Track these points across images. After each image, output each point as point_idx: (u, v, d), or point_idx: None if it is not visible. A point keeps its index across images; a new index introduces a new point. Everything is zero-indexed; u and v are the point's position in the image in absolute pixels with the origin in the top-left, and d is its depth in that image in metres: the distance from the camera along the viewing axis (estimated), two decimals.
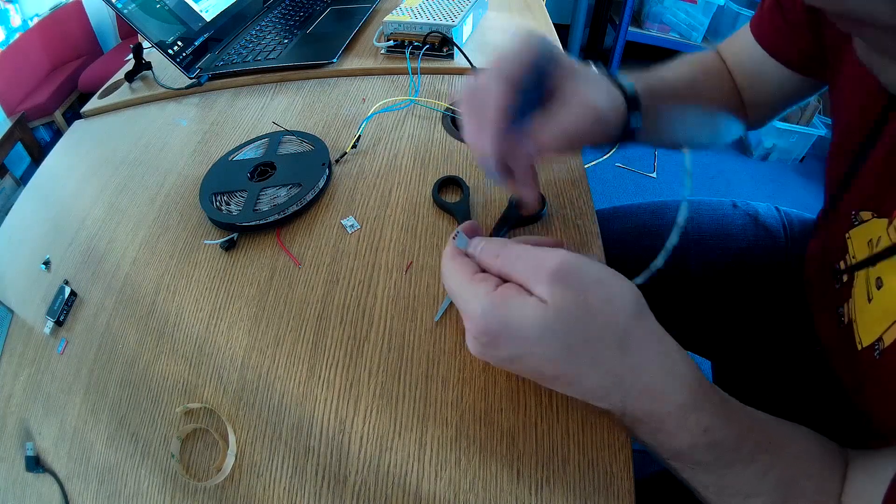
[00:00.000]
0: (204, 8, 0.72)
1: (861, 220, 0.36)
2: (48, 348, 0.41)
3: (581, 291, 0.25)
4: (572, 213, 0.43)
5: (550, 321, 0.24)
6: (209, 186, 0.48)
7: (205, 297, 0.41)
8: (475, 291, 0.26)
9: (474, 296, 0.26)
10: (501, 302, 0.25)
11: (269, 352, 0.37)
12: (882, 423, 0.34)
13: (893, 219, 0.32)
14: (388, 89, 0.61)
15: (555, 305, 0.24)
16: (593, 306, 0.25)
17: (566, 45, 2.23)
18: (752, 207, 0.60)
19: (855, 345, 0.35)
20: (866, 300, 0.34)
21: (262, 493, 0.31)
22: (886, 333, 0.31)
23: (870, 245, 0.35)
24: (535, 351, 0.25)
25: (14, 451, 0.36)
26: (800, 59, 0.45)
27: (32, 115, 2.03)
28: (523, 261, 0.26)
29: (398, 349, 0.36)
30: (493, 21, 0.76)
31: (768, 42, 0.46)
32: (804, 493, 0.28)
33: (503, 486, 0.30)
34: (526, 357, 0.26)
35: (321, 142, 0.50)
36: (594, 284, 0.25)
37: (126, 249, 0.46)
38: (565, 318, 0.24)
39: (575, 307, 0.24)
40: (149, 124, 0.62)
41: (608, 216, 0.64)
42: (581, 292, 0.25)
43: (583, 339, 0.25)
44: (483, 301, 0.26)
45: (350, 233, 0.43)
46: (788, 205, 0.60)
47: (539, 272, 0.25)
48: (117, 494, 0.32)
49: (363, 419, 0.33)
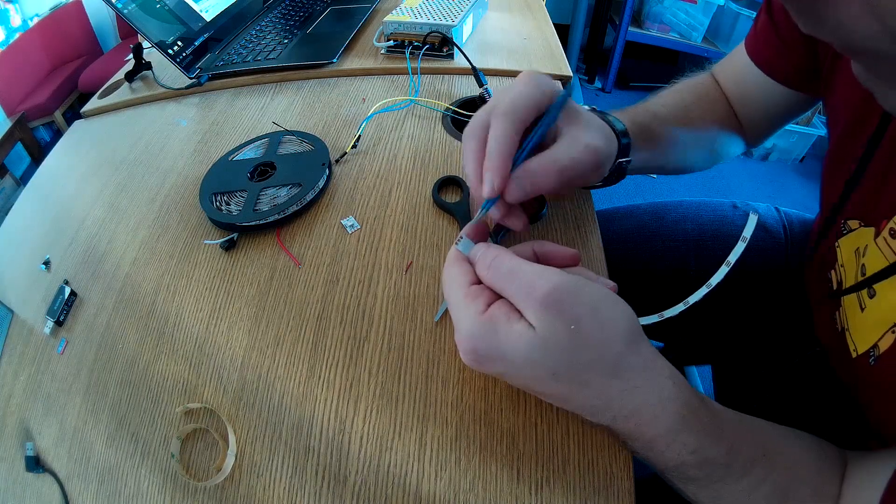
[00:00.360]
0: (204, 8, 0.72)
1: (849, 229, 0.37)
2: (48, 348, 0.41)
3: (573, 320, 0.24)
4: (572, 213, 0.43)
5: (537, 349, 0.24)
6: (209, 186, 0.48)
7: (205, 297, 0.41)
8: (466, 309, 0.26)
9: (465, 314, 0.26)
10: (490, 326, 0.25)
11: (269, 352, 0.37)
12: (880, 426, 0.34)
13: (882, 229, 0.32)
14: (388, 89, 0.61)
15: (542, 334, 0.24)
16: (585, 335, 0.25)
17: (566, 45, 2.23)
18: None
19: (849, 352, 0.35)
20: (858, 309, 0.34)
21: (262, 493, 0.31)
22: (881, 341, 0.32)
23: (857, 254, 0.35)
24: (522, 373, 0.26)
25: (14, 451, 0.36)
26: (796, 75, 0.45)
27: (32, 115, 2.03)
28: (514, 282, 0.26)
29: (398, 349, 0.36)
30: (493, 21, 0.76)
31: (764, 60, 0.47)
32: (799, 499, 0.28)
33: (503, 486, 0.30)
34: (514, 376, 0.27)
35: (321, 142, 0.51)
36: (588, 312, 0.25)
37: (126, 249, 0.46)
38: (553, 347, 0.24)
39: (565, 336, 0.24)
40: (149, 124, 0.62)
41: (608, 216, 0.64)
42: (573, 320, 0.24)
43: (572, 364, 0.25)
44: (472, 322, 0.26)
45: (350, 233, 0.43)
46: (788, 205, 0.60)
47: (529, 297, 0.25)
48: (117, 494, 0.32)
49: (363, 419, 0.33)
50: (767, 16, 0.45)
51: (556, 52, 0.67)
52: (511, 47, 0.68)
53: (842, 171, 0.38)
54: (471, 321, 0.26)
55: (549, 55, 0.67)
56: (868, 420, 0.36)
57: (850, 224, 0.37)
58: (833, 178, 0.40)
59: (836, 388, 0.41)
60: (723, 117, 0.51)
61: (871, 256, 0.33)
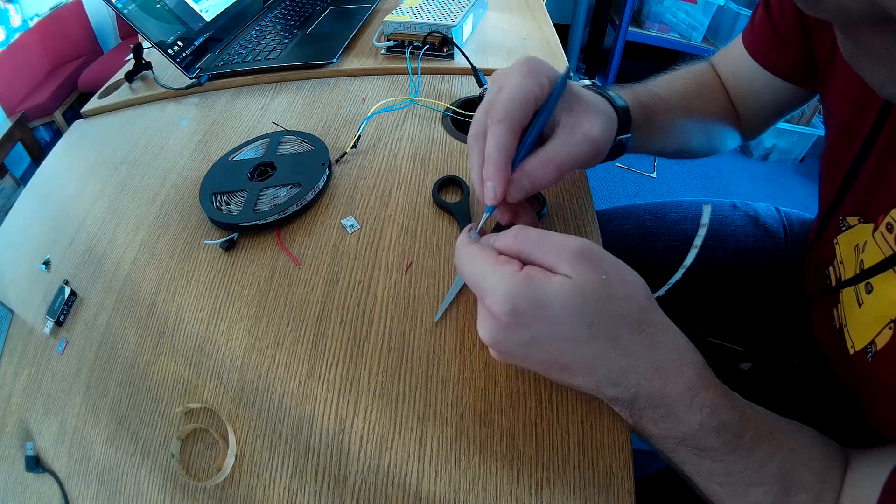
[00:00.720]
0: (204, 8, 0.72)
1: (848, 225, 0.37)
2: (48, 348, 0.41)
3: (603, 271, 0.26)
4: (572, 213, 0.43)
5: (578, 297, 0.25)
6: (209, 186, 0.48)
7: (205, 297, 0.41)
8: (500, 272, 0.27)
9: (499, 277, 0.26)
10: (528, 280, 0.26)
11: (269, 352, 0.37)
12: (878, 424, 0.34)
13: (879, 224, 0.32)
14: (388, 89, 0.61)
15: (580, 282, 0.25)
16: (614, 286, 0.26)
17: (566, 45, 2.23)
18: (752, 208, 0.60)
19: (847, 348, 0.35)
20: (856, 305, 0.34)
21: (262, 493, 0.31)
22: (878, 337, 0.32)
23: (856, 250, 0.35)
24: (558, 331, 0.26)
25: (14, 451, 0.36)
26: (793, 69, 0.45)
27: (32, 115, 2.03)
28: (545, 244, 0.27)
29: (398, 349, 0.36)
30: (493, 21, 0.76)
31: (760, 54, 0.47)
32: (804, 484, 0.28)
33: (503, 486, 0.30)
34: (546, 340, 0.27)
35: (321, 142, 0.51)
36: (613, 267, 0.27)
37: (126, 249, 0.46)
38: (591, 293, 0.25)
39: (599, 284, 0.26)
40: (149, 124, 0.62)
41: (608, 216, 0.64)
42: (603, 272, 0.26)
43: (606, 314, 0.26)
44: (510, 280, 0.26)
45: (350, 233, 0.43)
46: (788, 205, 0.60)
47: (563, 252, 0.26)
48: (117, 494, 0.32)
49: (363, 419, 0.33)
50: (764, 11, 0.45)
51: (556, 52, 0.67)
52: (511, 47, 0.68)
53: (839, 168, 0.38)
54: (508, 279, 0.26)
55: (550, 55, 0.67)
56: (866, 420, 0.36)
57: (848, 220, 0.37)
58: (831, 175, 0.40)
59: (835, 389, 0.41)
60: (722, 108, 0.51)
61: (869, 252, 0.33)
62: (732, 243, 0.57)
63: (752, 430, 0.28)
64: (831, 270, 0.39)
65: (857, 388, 0.36)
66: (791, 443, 0.29)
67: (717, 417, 0.27)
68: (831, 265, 0.39)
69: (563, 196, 0.45)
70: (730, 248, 0.56)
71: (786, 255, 0.55)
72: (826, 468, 0.29)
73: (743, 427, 0.27)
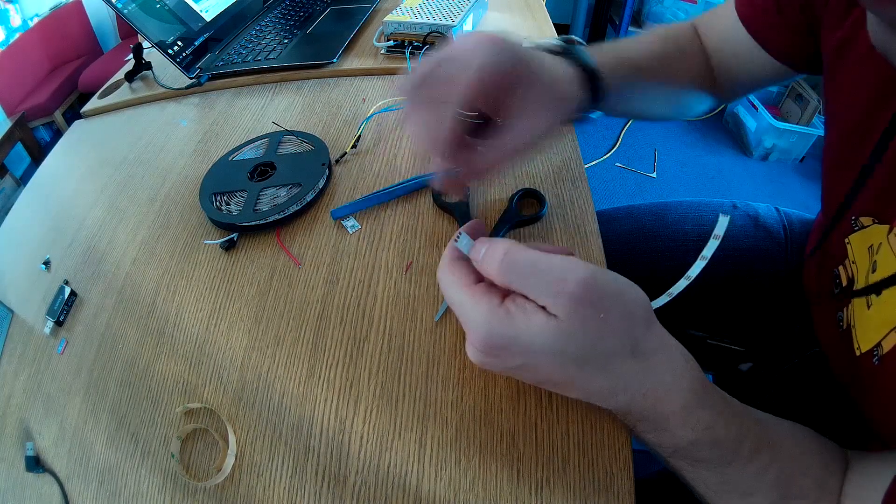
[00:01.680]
0: (204, 8, 0.72)
1: (861, 226, 0.36)
2: (48, 348, 0.41)
3: (602, 309, 0.24)
4: (572, 213, 0.43)
5: (562, 339, 0.24)
6: (209, 186, 0.48)
7: (205, 297, 0.41)
8: (477, 304, 0.25)
9: (476, 309, 0.25)
10: (508, 318, 0.24)
11: (269, 352, 0.37)
12: (881, 427, 0.34)
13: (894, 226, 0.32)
14: (388, 89, 0.61)
15: (570, 327, 0.23)
16: (612, 322, 0.24)
17: None
18: (752, 208, 0.60)
19: (853, 350, 0.35)
20: (865, 306, 0.34)
21: (262, 493, 0.31)
22: (885, 340, 0.31)
23: (870, 251, 0.35)
24: (541, 363, 0.25)
25: (14, 451, 0.36)
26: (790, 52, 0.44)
27: (32, 115, 2.03)
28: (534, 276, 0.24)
29: (398, 349, 0.36)
30: (493, 21, 0.76)
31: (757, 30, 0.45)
32: (802, 490, 0.28)
33: (503, 486, 0.30)
34: (531, 367, 0.26)
35: (321, 142, 0.50)
36: (615, 301, 0.25)
37: (126, 249, 0.46)
38: (581, 335, 0.24)
39: (594, 326, 0.24)
40: (149, 124, 0.62)
41: (608, 216, 0.64)
42: (602, 310, 0.24)
43: (595, 353, 0.25)
44: (486, 316, 0.24)
45: (350, 233, 0.43)
46: (788, 205, 0.60)
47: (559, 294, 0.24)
48: (117, 494, 0.32)
49: (363, 419, 0.33)
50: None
51: None
52: None
53: (850, 167, 0.37)
54: (485, 314, 0.24)
55: None
56: (868, 421, 0.35)
57: (861, 221, 0.36)
58: (839, 174, 0.39)
59: (836, 389, 0.41)
60: (699, 72, 0.50)
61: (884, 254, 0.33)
62: (732, 244, 0.57)
63: (750, 440, 0.28)
64: (841, 270, 0.39)
65: (860, 391, 0.36)
66: (790, 450, 0.29)
67: (712, 434, 0.27)
68: (842, 264, 0.39)
69: (563, 196, 0.45)
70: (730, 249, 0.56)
71: (786, 255, 0.55)
72: (826, 474, 0.29)
73: (740, 439, 0.27)
